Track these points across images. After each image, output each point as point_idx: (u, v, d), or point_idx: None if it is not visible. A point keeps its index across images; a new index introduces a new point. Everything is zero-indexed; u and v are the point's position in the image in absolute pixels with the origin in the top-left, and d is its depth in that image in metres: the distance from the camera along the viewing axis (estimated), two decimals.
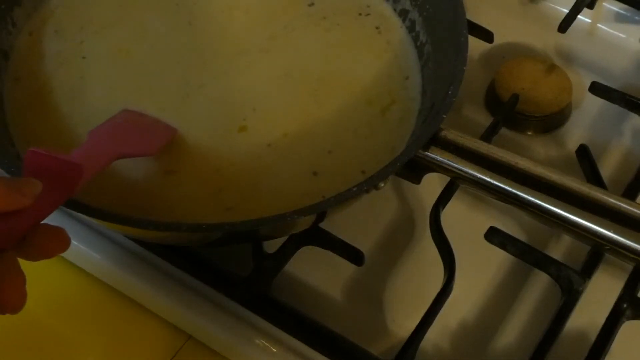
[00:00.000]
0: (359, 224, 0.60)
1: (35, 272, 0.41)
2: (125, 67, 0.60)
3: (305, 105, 0.58)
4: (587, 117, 0.67)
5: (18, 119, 0.56)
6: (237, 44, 0.61)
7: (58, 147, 0.54)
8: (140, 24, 0.62)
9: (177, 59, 0.60)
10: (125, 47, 0.61)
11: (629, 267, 0.56)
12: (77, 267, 0.58)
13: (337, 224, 0.56)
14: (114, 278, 0.57)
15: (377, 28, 0.62)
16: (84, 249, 0.57)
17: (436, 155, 0.51)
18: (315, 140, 0.56)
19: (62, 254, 0.42)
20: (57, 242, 0.41)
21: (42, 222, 0.41)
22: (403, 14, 0.62)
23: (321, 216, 0.52)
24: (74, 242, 0.43)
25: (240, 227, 0.48)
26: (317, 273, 0.59)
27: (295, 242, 0.56)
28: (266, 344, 0.53)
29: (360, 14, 0.63)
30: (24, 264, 0.40)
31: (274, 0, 0.64)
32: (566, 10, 0.70)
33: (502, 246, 0.57)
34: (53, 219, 0.41)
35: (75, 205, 0.46)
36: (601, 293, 0.56)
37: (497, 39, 0.68)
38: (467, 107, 0.68)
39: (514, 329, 0.57)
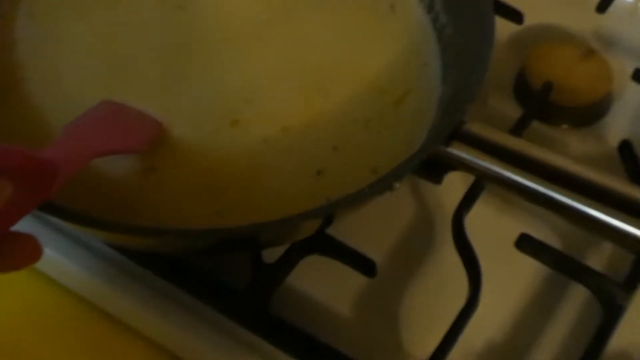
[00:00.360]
0: (371, 229, 0.60)
1: (4, 285, 0.41)
2: (106, 54, 0.60)
3: (308, 95, 0.59)
4: (630, 108, 0.68)
5: None
6: (231, 29, 0.62)
7: (31, 143, 0.54)
8: (124, 6, 0.62)
9: (163, 45, 0.61)
10: (106, 31, 0.61)
11: None
12: (51, 279, 0.58)
13: (345, 230, 0.56)
14: (92, 291, 0.57)
15: (391, 7, 0.63)
16: (58, 258, 0.57)
17: (459, 151, 0.50)
18: (319, 135, 0.57)
19: (35, 265, 0.42)
20: (28, 251, 0.41)
21: (12, 228, 0.40)
22: None
23: (327, 221, 0.52)
24: (47, 250, 0.42)
25: (236, 233, 0.48)
26: (323, 286, 0.59)
27: (298, 251, 0.56)
28: None
29: None
30: None
31: None
32: None
33: (535, 255, 0.57)
34: (24, 225, 0.41)
35: (49, 208, 0.45)
36: None
37: (528, 20, 0.68)
38: (494, 97, 0.68)
39: (548, 351, 0.57)
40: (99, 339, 0.57)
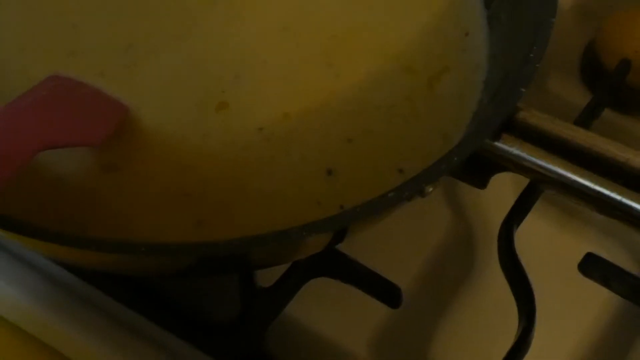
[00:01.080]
0: (395, 247, 0.61)
1: None
2: (53, 13, 0.61)
3: (316, 72, 0.59)
4: None
5: None
6: None
7: None
8: None
9: (130, 4, 0.61)
10: None
11: None
12: None
13: (362, 247, 0.57)
14: (37, 323, 0.58)
15: None
16: None
17: (511, 147, 0.50)
18: (329, 124, 0.57)
19: None
20: None
21: None
22: None
23: (340, 235, 0.51)
24: None
25: (222, 250, 0.48)
26: (332, 318, 0.59)
27: (301, 273, 0.56)
28: None
29: None
30: None
31: None
32: None
33: (605, 281, 0.57)
34: None
35: None
36: None
37: None
38: (556, 79, 0.69)
39: None
40: None
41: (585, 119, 0.62)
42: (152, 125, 0.56)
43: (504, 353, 0.53)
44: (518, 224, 0.58)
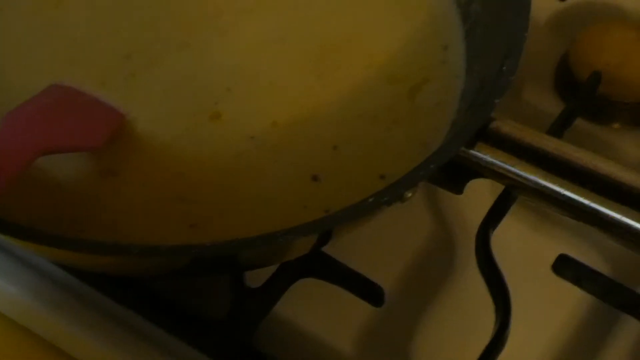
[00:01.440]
0: (377, 249, 0.60)
1: None
2: (55, 25, 0.61)
3: (303, 82, 0.59)
4: None
5: None
6: (209, 2, 0.62)
7: None
8: None
9: (129, 19, 0.61)
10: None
11: None
12: None
13: (346, 249, 0.57)
14: (36, 320, 0.58)
15: None
16: None
17: (486, 154, 0.50)
18: (316, 132, 0.57)
19: None
20: None
21: None
22: None
23: (325, 237, 0.51)
24: None
25: (213, 251, 0.48)
26: (319, 316, 0.59)
27: (289, 273, 0.56)
28: None
29: None
30: None
31: None
32: None
33: (577, 281, 0.57)
34: None
35: None
36: None
37: None
38: (531, 89, 0.68)
39: None
40: None
41: (558, 128, 0.62)
42: (148, 133, 0.56)
43: (481, 349, 0.53)
44: (494, 227, 0.58)
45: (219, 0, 0.62)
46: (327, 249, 0.55)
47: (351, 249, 0.57)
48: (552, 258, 0.57)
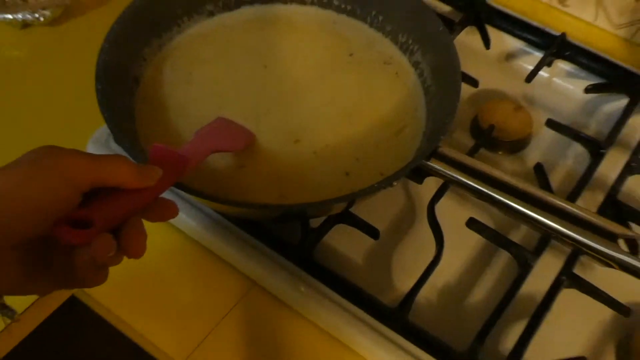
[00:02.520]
0: (378, 210, 0.59)
1: (153, 231, 0.42)
2: (218, 92, 0.59)
3: (342, 125, 0.57)
4: (543, 143, 0.66)
5: (144, 127, 0.56)
6: (296, 81, 0.61)
7: (171, 143, 0.54)
8: (231, 63, 0.61)
9: (254, 89, 0.60)
10: (219, 77, 0.60)
11: (568, 250, 0.56)
12: (179, 230, 0.58)
13: (361, 210, 0.56)
14: (203, 239, 0.57)
15: (396, 73, 0.62)
16: (184, 217, 0.57)
17: (435, 164, 0.50)
18: (348, 151, 0.56)
19: (171, 220, 0.42)
20: (170, 210, 0.41)
21: (160, 196, 0.41)
22: (416, 64, 0.61)
23: (351, 204, 0.52)
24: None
25: (295, 209, 0.49)
26: (346, 243, 0.58)
27: (332, 221, 0.55)
28: (308, 291, 0.53)
29: (384, 63, 0.62)
30: (146, 224, 0.40)
31: (325, 51, 0.63)
32: (531, 67, 0.69)
33: (478, 232, 0.56)
34: (167, 195, 0.42)
35: (181, 186, 0.46)
36: (547, 268, 0.55)
37: (481, 85, 0.67)
38: (458, 132, 0.67)
39: (483, 291, 0.56)
40: (206, 268, 0.57)
41: (472, 153, 0.61)
42: (263, 147, 0.56)
43: (427, 263, 0.53)
44: (437, 202, 0.57)
45: (297, 81, 0.60)
46: (352, 209, 0.55)
47: (364, 209, 0.56)
48: (466, 219, 0.56)
